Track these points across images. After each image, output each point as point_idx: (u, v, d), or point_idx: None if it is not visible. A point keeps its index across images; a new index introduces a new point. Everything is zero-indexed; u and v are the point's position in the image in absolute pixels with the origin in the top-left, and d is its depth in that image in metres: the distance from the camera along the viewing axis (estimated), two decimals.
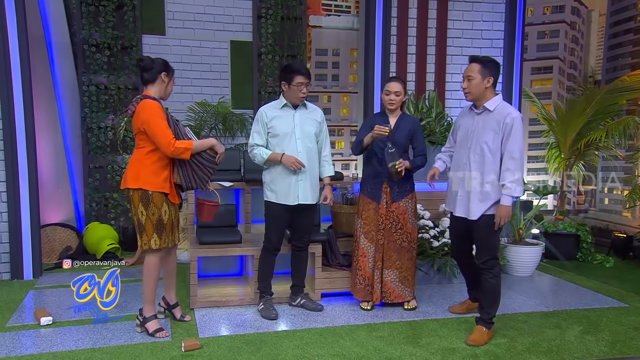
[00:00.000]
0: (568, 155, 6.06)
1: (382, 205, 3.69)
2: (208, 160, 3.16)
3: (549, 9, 8.12)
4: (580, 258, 5.63)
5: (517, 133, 3.07)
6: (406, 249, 3.73)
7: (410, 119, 3.75)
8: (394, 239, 3.70)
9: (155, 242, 3.15)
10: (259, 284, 3.73)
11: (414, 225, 3.77)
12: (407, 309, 3.80)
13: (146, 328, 3.27)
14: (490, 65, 3.16)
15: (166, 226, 3.17)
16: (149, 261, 3.22)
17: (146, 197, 3.09)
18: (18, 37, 4.37)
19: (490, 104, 3.17)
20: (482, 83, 3.14)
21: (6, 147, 4.40)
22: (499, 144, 3.12)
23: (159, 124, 3.01)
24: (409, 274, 3.78)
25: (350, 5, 7.15)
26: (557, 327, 3.52)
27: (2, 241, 4.48)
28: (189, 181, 3.16)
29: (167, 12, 5.93)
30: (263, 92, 6.26)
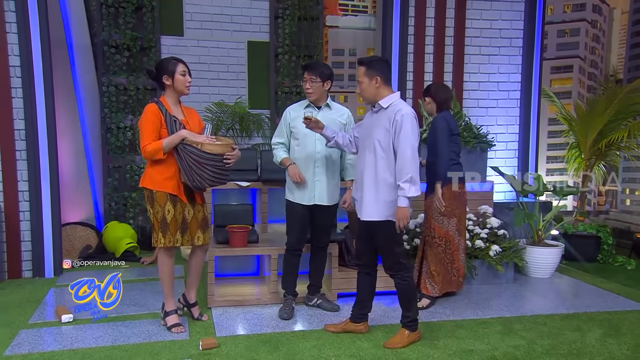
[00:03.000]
0: (588, 155, 5.96)
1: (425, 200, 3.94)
2: (202, 157, 3.09)
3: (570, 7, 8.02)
4: (601, 260, 5.53)
5: (407, 130, 2.94)
6: (430, 243, 3.90)
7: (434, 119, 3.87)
8: (424, 232, 4.00)
9: (160, 241, 3.20)
10: (281, 284, 3.77)
11: (439, 222, 3.83)
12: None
13: (165, 322, 3.36)
14: (374, 64, 3.07)
15: (170, 225, 3.18)
16: (159, 258, 3.33)
17: (151, 196, 3.18)
18: (40, 40, 4.45)
19: (384, 101, 3.05)
20: (371, 84, 3.05)
21: (28, 148, 4.48)
22: (389, 142, 3.01)
23: (143, 128, 3.12)
24: (434, 269, 3.90)
25: (367, 5, 7.13)
26: (577, 330, 3.46)
27: (24, 240, 4.56)
28: (192, 180, 3.13)
29: (186, 13, 5.99)
30: (280, 92, 6.28)
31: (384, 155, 3.03)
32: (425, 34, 5.51)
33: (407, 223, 3.00)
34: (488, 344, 3.20)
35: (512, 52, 5.75)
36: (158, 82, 3.26)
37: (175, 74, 3.19)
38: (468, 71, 5.65)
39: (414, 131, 2.97)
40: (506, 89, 5.78)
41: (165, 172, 3.15)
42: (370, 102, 3.14)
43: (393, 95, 3.09)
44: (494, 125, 5.72)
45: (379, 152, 3.03)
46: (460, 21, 5.59)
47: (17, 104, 4.45)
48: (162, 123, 3.14)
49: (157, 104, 3.18)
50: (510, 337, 3.31)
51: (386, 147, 3.02)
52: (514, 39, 5.75)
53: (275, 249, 3.89)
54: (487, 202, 4.72)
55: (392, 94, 3.09)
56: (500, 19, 5.70)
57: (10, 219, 4.48)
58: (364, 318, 3.35)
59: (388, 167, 3.02)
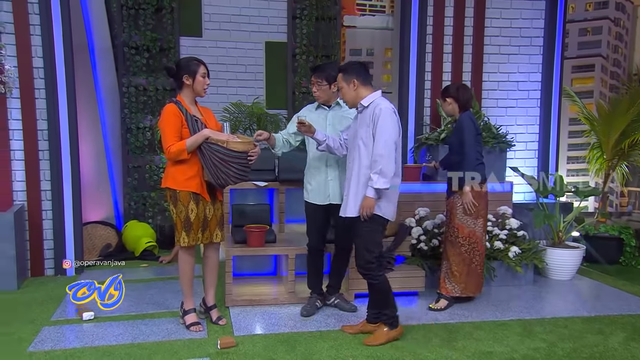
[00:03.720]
0: (611, 155, 5.86)
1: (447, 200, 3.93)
2: (227, 155, 3.13)
3: (592, 5, 7.87)
4: (623, 262, 5.43)
5: (383, 123, 2.99)
6: (453, 243, 3.84)
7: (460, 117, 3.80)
8: (446, 232, 3.93)
9: (184, 240, 3.22)
10: (307, 283, 3.82)
11: (464, 222, 3.78)
12: (431, 307, 3.82)
13: (184, 320, 3.39)
14: (348, 69, 3.16)
15: (194, 224, 3.22)
16: (180, 257, 3.35)
17: (174, 196, 3.20)
18: (63, 42, 4.53)
19: (365, 100, 3.12)
20: (349, 88, 3.14)
21: (51, 148, 4.56)
22: (370, 136, 3.06)
23: (164, 129, 3.15)
24: (456, 269, 3.84)
25: (384, 4, 7.10)
26: (599, 333, 3.41)
27: (46, 238, 4.65)
28: (217, 178, 3.17)
29: (204, 14, 6.04)
30: (297, 93, 6.29)
31: (366, 153, 3.09)
32: (444, 33, 5.47)
33: (369, 213, 3.03)
34: (507, 346, 3.16)
35: (533, 51, 5.68)
36: (177, 81, 3.27)
37: (197, 75, 3.22)
38: (487, 71, 5.59)
39: (391, 125, 3.02)
40: (526, 88, 5.71)
41: (188, 171, 3.18)
42: (353, 105, 3.21)
43: (374, 94, 3.15)
44: (513, 125, 5.65)
45: (362, 150, 3.11)
46: (480, 20, 5.54)
47: (40, 104, 4.53)
48: (183, 123, 3.16)
49: (176, 104, 3.20)
50: (530, 340, 3.27)
51: (368, 144, 3.08)
52: (534, 37, 5.68)
53: (293, 249, 3.89)
54: (506, 202, 4.66)
55: (372, 93, 3.15)
56: (521, 17, 5.64)
57: (33, 218, 4.57)
58: (379, 318, 3.34)
59: (366, 162, 3.08)
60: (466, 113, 3.78)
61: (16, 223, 4.21)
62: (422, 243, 4.28)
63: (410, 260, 4.27)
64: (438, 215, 4.42)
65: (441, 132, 5.02)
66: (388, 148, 2.99)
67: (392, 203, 3.16)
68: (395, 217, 3.26)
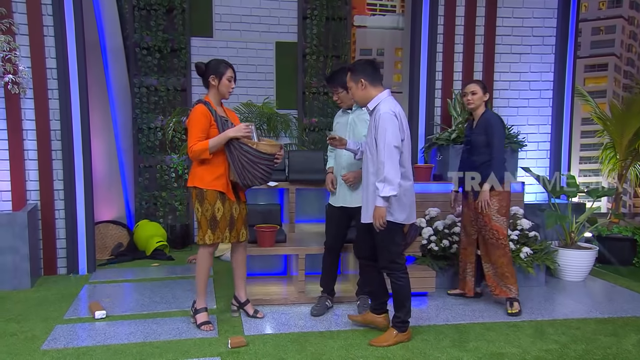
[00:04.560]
0: (624, 156, 5.80)
1: (470, 202, 3.87)
2: (257, 157, 3.19)
3: (605, 4, 7.79)
4: (636, 263, 5.37)
5: (382, 129, 2.95)
6: (495, 245, 3.78)
7: (489, 116, 3.73)
8: (483, 234, 3.83)
9: (209, 238, 3.27)
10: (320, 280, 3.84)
11: (500, 223, 3.74)
12: (510, 313, 3.72)
13: (195, 319, 3.41)
14: (356, 68, 3.14)
15: (220, 223, 3.27)
16: (200, 255, 3.36)
17: (201, 195, 3.24)
18: (76, 43, 4.57)
19: (371, 103, 3.11)
20: (358, 87, 3.11)
21: (64, 148, 4.60)
22: (373, 142, 3.04)
23: (191, 129, 3.20)
24: (506, 270, 3.78)
25: (395, 4, 7.08)
26: (613, 335, 3.37)
27: (59, 237, 4.69)
28: (243, 178, 3.23)
29: (215, 15, 6.06)
30: (307, 93, 6.30)
31: (371, 159, 3.08)
32: (455, 32, 5.44)
33: (382, 222, 3.00)
34: (519, 348, 3.14)
35: (545, 50, 5.63)
36: (204, 80, 3.33)
37: (223, 77, 3.28)
38: (498, 70, 5.55)
39: (390, 130, 2.95)
40: (538, 88, 5.66)
41: (215, 171, 3.24)
42: (364, 105, 3.19)
43: (380, 95, 3.10)
44: (525, 125, 5.61)
45: (368, 155, 3.11)
46: (491, 19, 5.50)
47: (53, 105, 4.58)
48: (211, 123, 3.21)
49: (205, 105, 3.24)
50: (542, 341, 3.25)
51: (372, 150, 3.07)
52: (546, 37, 5.63)
53: (303, 249, 3.90)
54: (517, 203, 4.62)
55: (379, 93, 3.11)
56: (533, 16, 5.59)
57: (46, 217, 4.61)
58: (382, 309, 3.37)
59: (373, 168, 3.06)
60: (492, 112, 3.78)
61: (29, 222, 4.26)
62: (432, 243, 4.26)
63: (421, 260, 4.26)
64: (448, 216, 4.40)
65: (452, 132, 5.00)
66: (389, 154, 2.94)
67: (406, 206, 3.11)
68: (412, 219, 3.21)
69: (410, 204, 3.16)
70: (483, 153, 3.72)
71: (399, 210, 3.07)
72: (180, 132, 5.94)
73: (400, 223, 3.12)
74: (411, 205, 3.17)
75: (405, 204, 3.11)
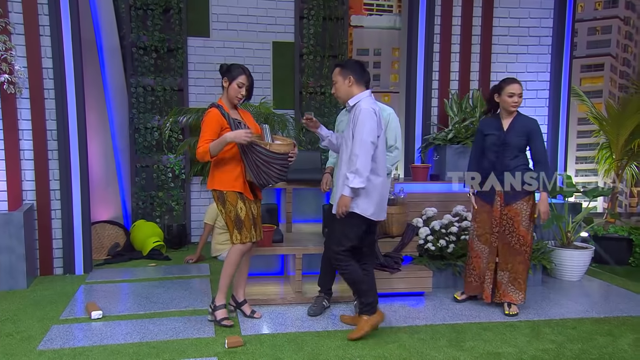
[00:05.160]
0: (620, 156, 5.82)
1: (495, 208, 3.69)
2: (270, 157, 3.24)
3: (601, 4, 7.81)
4: (632, 263, 5.39)
5: (361, 123, 3.04)
6: (518, 251, 3.68)
7: (527, 120, 3.64)
8: (507, 241, 3.69)
9: (236, 237, 3.33)
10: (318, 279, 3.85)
11: (527, 229, 3.65)
12: (507, 314, 3.70)
13: (215, 315, 3.43)
14: (347, 65, 3.24)
15: (245, 222, 3.32)
16: (230, 254, 3.39)
17: (222, 197, 3.30)
18: (72, 43, 4.56)
19: (352, 100, 3.20)
20: (344, 83, 3.21)
21: (60, 148, 4.59)
22: (351, 136, 3.13)
23: (202, 132, 3.24)
24: (520, 276, 3.72)
25: (392, 4, 7.09)
26: (609, 334, 3.38)
27: (55, 237, 4.68)
28: (259, 178, 3.28)
29: (212, 15, 6.06)
30: (304, 93, 6.30)
31: (346, 150, 3.17)
32: (452, 32, 5.46)
33: (344, 211, 3.09)
34: (516, 347, 3.15)
35: (541, 50, 5.65)
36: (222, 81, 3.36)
37: (234, 81, 3.29)
38: (495, 70, 5.57)
39: (369, 125, 3.05)
40: (534, 88, 5.68)
41: (232, 172, 3.28)
42: (344, 101, 3.27)
43: (362, 94, 3.21)
44: None
45: (344, 148, 3.20)
46: (488, 19, 5.52)
47: (49, 104, 4.57)
48: (224, 127, 3.24)
49: (218, 108, 3.27)
50: (538, 341, 3.25)
51: (349, 142, 3.15)
52: (543, 37, 5.65)
53: (300, 249, 3.90)
54: None
55: (361, 92, 3.21)
56: (529, 16, 5.61)
57: (42, 217, 4.60)
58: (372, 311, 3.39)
59: (349, 161, 3.12)
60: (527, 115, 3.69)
61: (25, 222, 4.25)
62: (429, 243, 4.27)
63: (418, 260, 4.26)
64: (445, 216, 4.41)
65: (449, 132, 5.01)
66: (364, 148, 3.02)
67: (373, 201, 3.16)
68: (381, 217, 3.26)
69: (379, 200, 3.20)
70: (518, 156, 3.62)
71: (366, 202, 3.14)
72: (177, 132, 5.94)
73: (365, 217, 3.16)
74: (380, 201, 3.21)
75: (373, 198, 3.16)
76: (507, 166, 3.62)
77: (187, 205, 6.15)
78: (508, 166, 3.62)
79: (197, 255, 5.24)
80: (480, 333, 3.38)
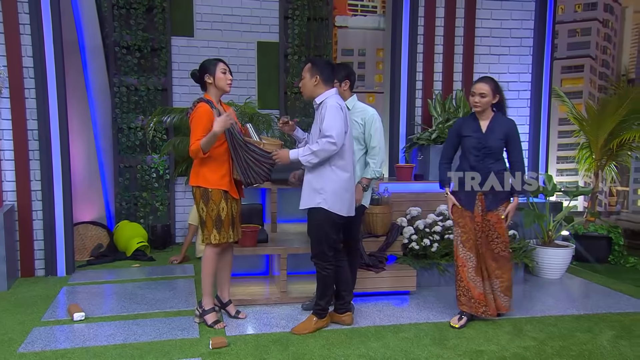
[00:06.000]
0: (600, 155, 5.92)
1: (477, 214, 3.50)
2: (262, 156, 3.25)
3: (581, 6, 7.97)
4: (612, 261, 5.49)
5: (326, 115, 3.08)
6: (506, 258, 3.56)
7: (505, 121, 3.47)
8: (492, 248, 3.54)
9: (214, 237, 3.28)
10: None
11: (507, 233, 3.59)
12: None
13: (205, 320, 3.41)
14: (318, 64, 3.25)
15: (224, 222, 3.29)
16: (206, 255, 3.36)
17: (206, 194, 3.25)
18: (53, 41, 4.50)
19: (319, 98, 3.22)
20: (310, 80, 3.22)
21: (41, 148, 4.53)
22: (317, 130, 3.18)
23: (193, 128, 3.20)
24: (509, 283, 3.61)
25: (376, 5, 7.13)
26: (588, 331, 3.44)
27: (37, 239, 4.62)
28: (247, 177, 3.27)
29: (196, 14, 6.03)
30: (289, 93, 6.30)
31: None
32: (435, 33, 5.51)
33: (276, 160, 3.20)
34: (498, 345, 3.19)
35: (523, 51, 5.73)
36: (202, 83, 3.34)
37: (216, 72, 3.28)
38: (478, 71, 5.63)
39: (333, 118, 3.06)
40: (516, 88, 5.76)
41: (219, 170, 3.25)
42: (309, 98, 3.30)
43: (328, 92, 3.23)
44: None
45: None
46: (470, 21, 5.58)
47: (30, 104, 4.51)
48: (213, 121, 3.18)
49: (207, 103, 3.23)
50: (520, 338, 3.30)
51: (316, 138, 3.17)
52: (524, 38, 5.73)
53: (285, 249, 3.90)
54: None
55: (327, 91, 3.23)
56: (511, 18, 5.68)
57: (23, 218, 4.54)
58: (345, 308, 3.47)
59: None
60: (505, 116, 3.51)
61: (6, 223, 4.18)
62: (413, 242, 4.30)
63: (402, 259, 4.29)
64: (429, 215, 4.44)
65: (432, 132, 5.05)
66: (327, 138, 3.04)
67: (340, 198, 3.16)
68: (349, 212, 3.23)
69: (346, 198, 3.20)
70: (500, 159, 3.49)
71: (332, 199, 3.14)
72: (161, 132, 5.90)
73: (332, 213, 3.15)
74: (349, 197, 3.22)
75: (339, 196, 3.16)
76: (488, 169, 3.45)
77: (171, 206, 6.11)
78: (489, 170, 3.45)
79: (182, 256, 5.21)
80: (463, 331, 3.41)
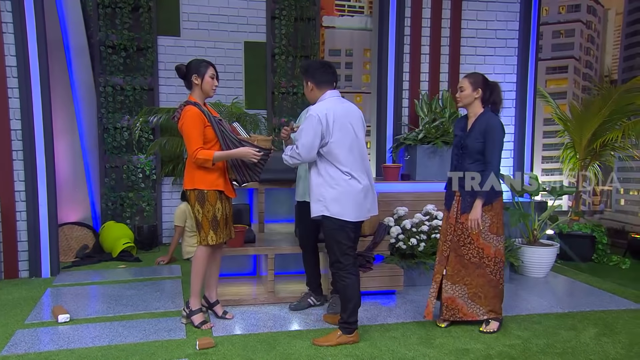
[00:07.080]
0: (583, 155, 6.00)
1: (452, 214, 3.39)
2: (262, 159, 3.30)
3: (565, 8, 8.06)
4: (595, 259, 5.57)
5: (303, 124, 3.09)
6: (476, 264, 3.34)
7: (485, 118, 3.27)
8: (462, 253, 3.37)
9: (212, 238, 3.28)
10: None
11: (489, 241, 3.32)
12: (481, 330, 3.39)
13: (192, 320, 3.39)
14: (307, 70, 3.26)
15: (220, 222, 3.29)
16: (199, 255, 3.34)
17: (202, 196, 3.23)
18: (37, 40, 4.45)
19: (317, 102, 3.21)
20: (307, 88, 3.26)
21: (25, 148, 4.48)
22: None
23: (190, 133, 3.16)
24: (480, 291, 3.37)
25: (363, 5, 7.15)
26: (572, 329, 3.49)
27: (20, 240, 4.56)
28: (242, 176, 3.34)
29: (182, 14, 6.00)
30: (276, 93, 6.30)
31: None
32: (422, 34, 5.54)
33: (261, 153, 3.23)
34: (484, 343, 3.22)
35: (508, 52, 5.78)
36: (186, 81, 3.30)
37: (205, 75, 3.26)
38: (464, 71, 5.67)
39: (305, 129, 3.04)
40: (502, 89, 5.79)
41: (215, 171, 3.25)
42: (313, 103, 3.26)
43: (324, 95, 3.20)
44: None
45: None
46: (456, 22, 5.62)
47: (14, 104, 4.45)
48: (205, 124, 3.19)
49: (196, 106, 3.21)
50: (505, 336, 3.33)
51: None
52: (509, 39, 5.78)
53: (272, 249, 3.90)
54: None
55: (322, 94, 3.20)
56: (496, 19, 5.73)
57: (7, 219, 4.48)
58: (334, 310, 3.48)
59: (314, 167, 3.14)
60: (493, 114, 3.31)
61: None
62: (400, 242, 4.33)
63: (389, 259, 4.31)
64: (416, 215, 4.47)
65: (419, 132, 5.08)
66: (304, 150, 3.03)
67: (341, 203, 3.05)
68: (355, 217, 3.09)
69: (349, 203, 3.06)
70: (478, 160, 3.26)
71: (334, 205, 3.04)
72: (148, 132, 5.86)
73: (339, 219, 3.06)
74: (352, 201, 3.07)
75: (341, 202, 3.05)
76: (467, 171, 3.30)
77: (158, 206, 6.07)
78: (468, 170, 3.30)
79: (169, 256, 5.18)
80: (449, 330, 3.44)
